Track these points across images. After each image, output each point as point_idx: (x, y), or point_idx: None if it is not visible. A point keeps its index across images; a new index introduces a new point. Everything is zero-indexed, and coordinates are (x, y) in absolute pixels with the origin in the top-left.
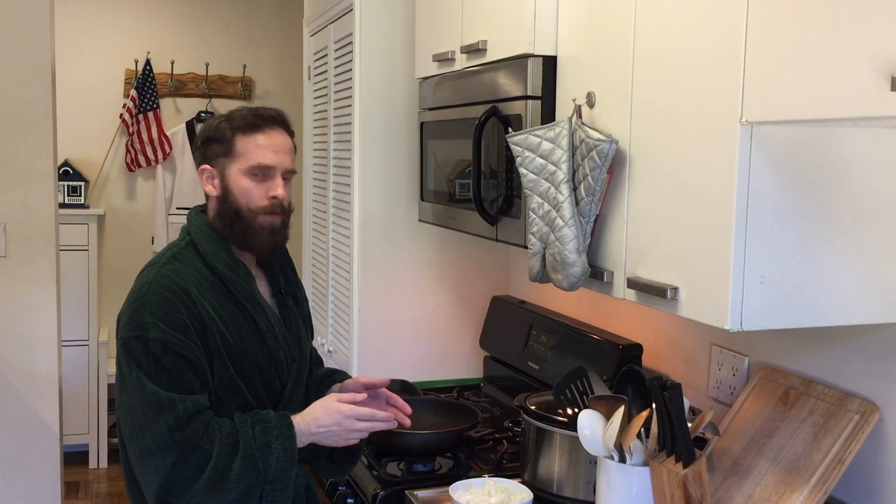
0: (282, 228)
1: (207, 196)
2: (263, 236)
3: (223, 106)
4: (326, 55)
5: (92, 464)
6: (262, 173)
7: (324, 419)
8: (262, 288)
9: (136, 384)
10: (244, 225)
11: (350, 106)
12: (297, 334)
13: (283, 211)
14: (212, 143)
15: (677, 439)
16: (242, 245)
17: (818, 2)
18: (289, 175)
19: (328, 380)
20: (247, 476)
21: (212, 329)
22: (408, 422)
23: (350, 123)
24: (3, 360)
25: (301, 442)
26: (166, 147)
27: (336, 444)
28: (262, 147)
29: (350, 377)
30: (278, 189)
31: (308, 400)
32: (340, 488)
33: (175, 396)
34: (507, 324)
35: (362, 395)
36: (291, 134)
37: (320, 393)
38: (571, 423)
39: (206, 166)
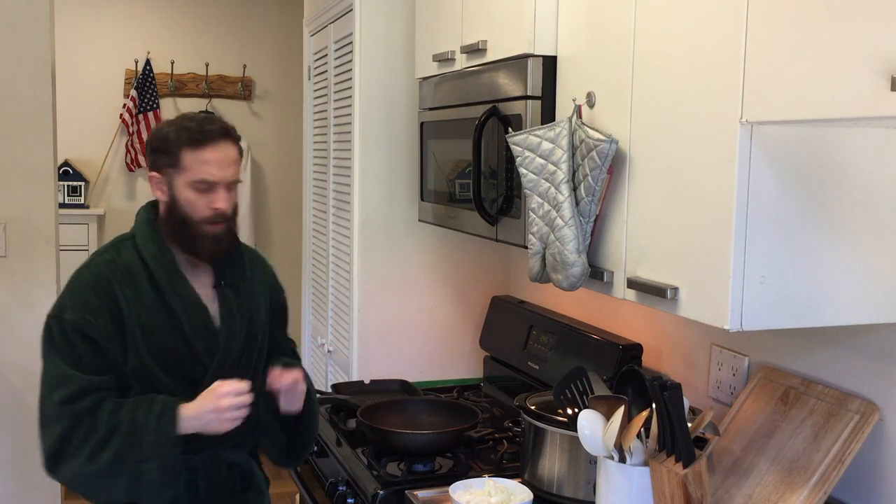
0: (226, 234)
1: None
2: (207, 244)
3: (223, 106)
4: (326, 55)
5: None
6: (206, 187)
7: (204, 402)
8: (205, 280)
9: (47, 359)
10: (190, 233)
11: (350, 106)
12: (228, 325)
13: (227, 219)
14: (159, 154)
15: (677, 439)
16: (190, 250)
17: (818, 2)
18: (233, 185)
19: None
20: (126, 450)
21: (129, 317)
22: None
23: (350, 123)
24: (3, 359)
25: (186, 426)
26: None
27: (218, 429)
28: (207, 163)
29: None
30: (220, 202)
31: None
32: (340, 488)
33: (75, 374)
34: (507, 324)
35: (244, 384)
36: (237, 141)
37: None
38: (571, 423)
39: (155, 174)
